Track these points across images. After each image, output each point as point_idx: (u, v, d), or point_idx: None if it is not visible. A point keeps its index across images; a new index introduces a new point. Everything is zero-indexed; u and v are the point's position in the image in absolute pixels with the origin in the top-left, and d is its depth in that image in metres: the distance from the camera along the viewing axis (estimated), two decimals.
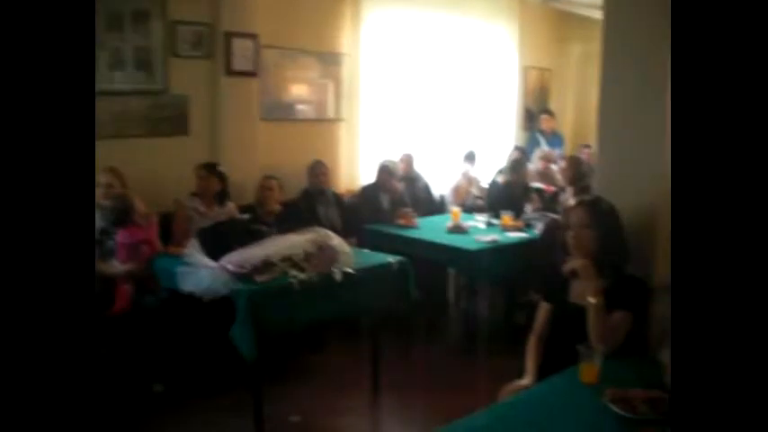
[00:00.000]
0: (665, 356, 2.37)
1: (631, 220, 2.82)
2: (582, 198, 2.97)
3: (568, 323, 2.66)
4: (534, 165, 6.91)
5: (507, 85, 8.18)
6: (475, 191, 6.84)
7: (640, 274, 2.76)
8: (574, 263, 2.65)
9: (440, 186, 7.01)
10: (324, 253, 3.74)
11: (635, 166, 2.91)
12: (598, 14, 3.61)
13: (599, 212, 2.71)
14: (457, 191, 6.79)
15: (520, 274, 5.04)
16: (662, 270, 2.88)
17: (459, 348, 5.18)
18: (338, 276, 3.67)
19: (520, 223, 5.33)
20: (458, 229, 5.21)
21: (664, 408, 2.05)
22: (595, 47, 3.22)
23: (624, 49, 2.96)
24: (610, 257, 2.68)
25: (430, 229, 5.36)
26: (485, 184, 6.91)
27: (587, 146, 7.58)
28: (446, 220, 5.45)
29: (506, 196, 5.91)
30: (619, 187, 2.94)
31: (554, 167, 6.92)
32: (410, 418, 4.07)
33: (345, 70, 6.47)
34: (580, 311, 2.59)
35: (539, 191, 6.11)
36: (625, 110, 2.96)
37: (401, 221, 5.44)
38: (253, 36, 5.56)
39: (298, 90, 6.17)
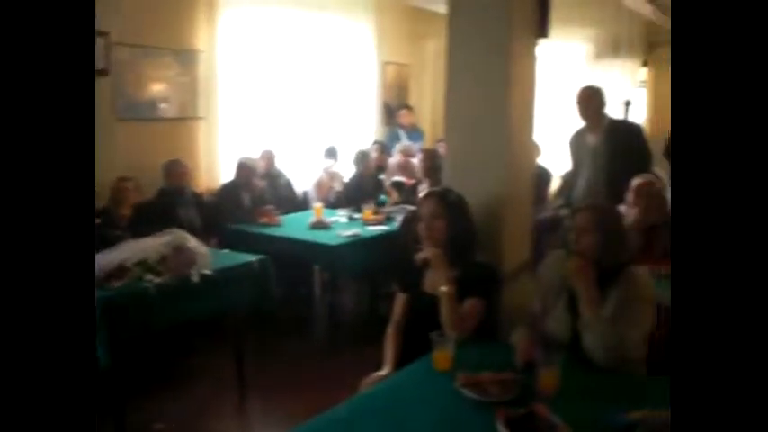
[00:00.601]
0: (515, 338, 2.49)
1: (480, 210, 2.93)
2: (431, 189, 3.06)
3: (424, 312, 2.72)
4: (394, 159, 7.02)
5: (366, 81, 8.25)
6: (337, 186, 6.87)
7: (490, 262, 2.87)
8: (425, 253, 2.72)
9: (302, 183, 6.99)
10: (180, 255, 3.65)
11: (481, 157, 3.03)
12: None
13: (448, 203, 2.79)
14: (319, 187, 6.80)
15: (382, 266, 5.11)
16: (510, 257, 3.02)
17: (325, 343, 5.20)
18: (196, 278, 3.59)
19: (381, 216, 5.41)
20: (320, 225, 5.22)
21: (514, 389, 2.15)
22: None
23: (468, 44, 3.07)
24: (460, 246, 2.77)
25: (292, 226, 5.34)
26: (347, 179, 6.95)
27: (443, 140, 7.75)
28: (309, 217, 5.45)
29: (358, 189, 5.98)
30: (467, 178, 3.04)
31: (414, 161, 7.06)
32: (278, 416, 4.04)
33: (202, 68, 6.32)
34: (434, 300, 2.66)
35: (399, 184, 6.21)
36: (470, 103, 3.07)
37: (263, 220, 5.38)
38: (103, 33, 5.33)
39: (156, 88, 5.97)
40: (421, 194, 4.64)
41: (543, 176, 7.34)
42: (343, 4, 7.75)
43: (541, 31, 3.20)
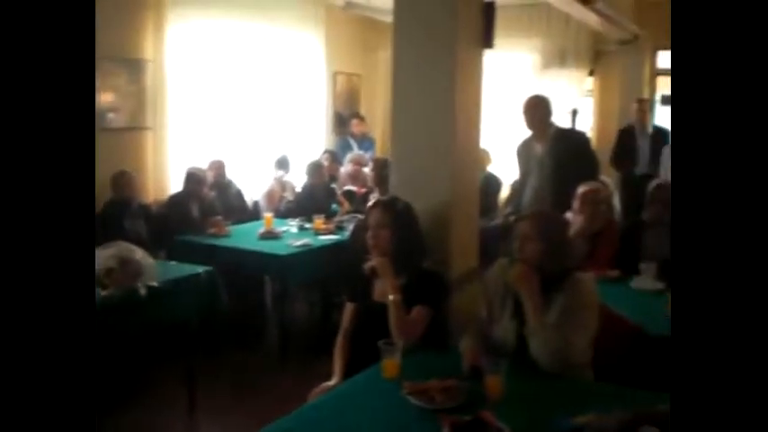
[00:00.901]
0: (462, 345, 2.51)
1: (427, 217, 2.95)
2: (378, 199, 3.07)
3: (373, 321, 2.73)
4: (346, 168, 7.03)
5: (317, 91, 8.25)
6: (289, 196, 6.84)
7: (438, 269, 2.89)
8: (373, 262, 2.72)
9: (253, 193, 6.94)
10: (126, 267, 3.58)
11: (428, 165, 3.05)
12: None
13: (395, 212, 2.80)
14: (270, 196, 6.75)
15: (333, 275, 5.10)
16: (458, 264, 3.04)
17: (276, 354, 5.16)
18: (142, 291, 3.53)
19: (331, 226, 5.41)
20: (270, 235, 5.19)
21: (460, 396, 2.16)
22: None
23: (413, 53, 3.09)
24: (407, 254, 2.78)
25: (242, 236, 5.29)
26: (299, 188, 6.93)
27: None
28: (259, 227, 5.41)
29: (310, 199, 5.97)
30: (414, 186, 3.07)
31: (365, 170, 7.08)
32: (229, 429, 3.99)
33: (150, 77, 6.24)
34: (383, 309, 2.67)
35: (350, 193, 6.22)
36: (416, 112, 3.09)
37: (212, 230, 5.32)
38: None
39: (104, 98, 5.86)
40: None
41: (494, 184, 7.43)
42: (293, 16, 7.75)
43: (487, 41, 3.24)
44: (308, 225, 5.50)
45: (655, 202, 4.02)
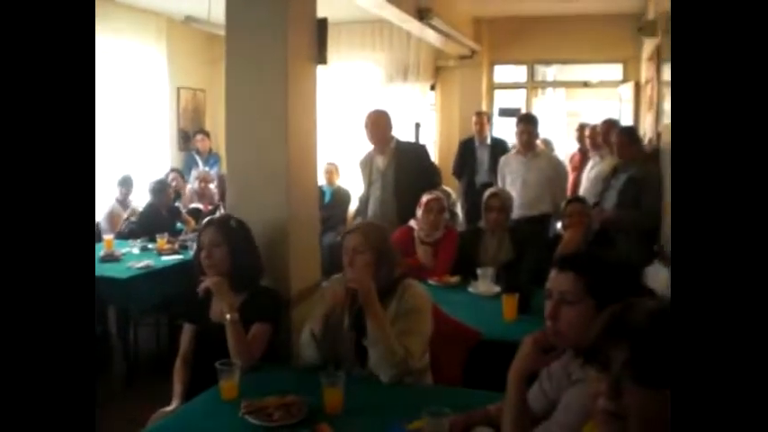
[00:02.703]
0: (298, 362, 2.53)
1: (264, 233, 2.94)
2: (210, 218, 3.04)
3: (211, 342, 2.68)
4: (192, 185, 6.87)
5: (161, 107, 8.03)
6: (131, 216, 6.59)
7: (277, 286, 2.88)
8: (207, 281, 2.68)
9: (95, 214, 6.63)
10: None
11: (263, 181, 3.04)
12: None
13: (228, 230, 2.78)
14: (111, 218, 6.47)
15: (178, 296, 4.95)
16: (298, 279, 3.05)
17: (122, 381, 4.95)
18: None
19: (175, 245, 5.26)
20: (110, 258, 4.97)
21: (300, 411, 2.16)
22: None
23: (245, 68, 3.08)
24: (243, 272, 2.76)
25: None
26: (141, 208, 6.69)
27: None
28: (99, 250, 5.16)
29: (153, 218, 5.80)
30: (250, 202, 3.05)
31: (212, 187, 6.96)
32: None
33: None
34: (221, 329, 2.62)
35: (196, 211, 6.08)
36: (250, 127, 3.08)
37: None
38: None
39: None
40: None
41: (343, 198, 7.52)
42: (135, 30, 7.49)
43: (320, 57, 3.27)
44: (150, 245, 5.32)
45: (491, 209, 4.20)
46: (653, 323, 1.26)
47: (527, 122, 5.66)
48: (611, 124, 6.06)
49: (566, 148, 9.02)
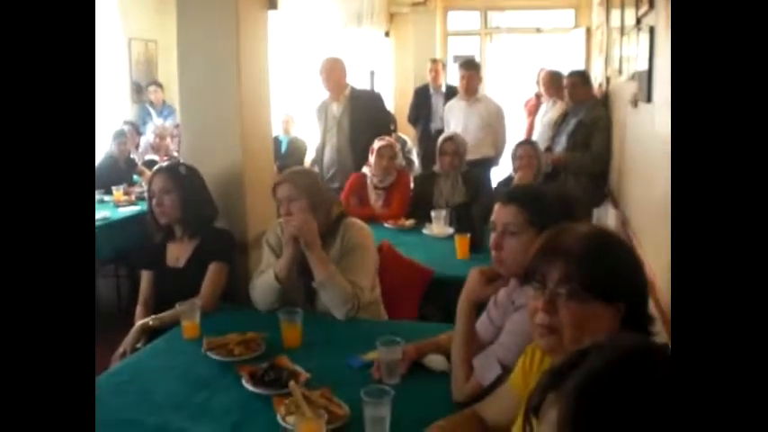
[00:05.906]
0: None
1: (219, 180, 2.99)
2: (160, 166, 3.08)
3: (169, 286, 2.76)
4: (147, 137, 6.82)
5: (115, 59, 7.87)
6: None
7: (234, 230, 2.96)
8: (162, 228, 2.74)
9: None
10: None
11: (216, 130, 3.08)
12: None
13: (178, 176, 2.82)
14: None
15: (137, 246, 4.97)
16: (255, 225, 3.12)
17: None
18: None
19: (132, 197, 5.26)
20: None
21: (258, 347, 2.25)
22: None
23: (196, 17, 3.07)
24: (195, 218, 2.82)
25: None
26: (98, 160, 6.63)
27: None
28: None
29: (110, 170, 5.77)
30: (203, 151, 3.09)
31: (168, 140, 6.90)
32: None
33: None
34: (177, 273, 2.70)
35: (152, 163, 6.06)
36: (202, 76, 3.09)
37: None
38: None
39: None
40: None
41: (299, 147, 7.53)
42: None
43: (271, 2, 3.28)
44: (107, 198, 5.31)
45: (444, 153, 4.29)
46: (584, 243, 1.38)
47: (468, 68, 5.71)
48: (552, 74, 6.17)
49: (520, 95, 9.10)
